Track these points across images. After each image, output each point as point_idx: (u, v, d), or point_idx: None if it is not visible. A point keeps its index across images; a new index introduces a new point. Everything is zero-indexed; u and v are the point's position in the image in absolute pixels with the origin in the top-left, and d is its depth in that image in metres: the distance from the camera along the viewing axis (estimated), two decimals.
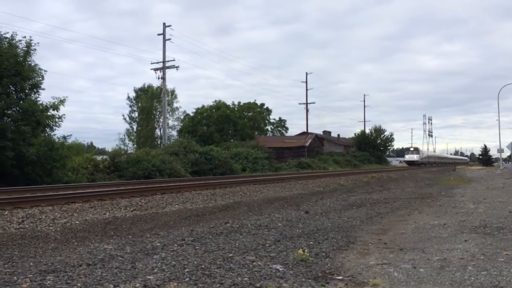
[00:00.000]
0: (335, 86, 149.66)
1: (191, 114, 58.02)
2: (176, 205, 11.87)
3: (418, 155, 72.86)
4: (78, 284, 4.37)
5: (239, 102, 62.44)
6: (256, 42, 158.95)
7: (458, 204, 12.31)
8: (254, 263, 5.34)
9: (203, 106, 58.07)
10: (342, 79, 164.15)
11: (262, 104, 64.30)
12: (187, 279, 4.61)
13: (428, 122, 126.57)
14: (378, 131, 77.29)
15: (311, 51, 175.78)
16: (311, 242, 6.75)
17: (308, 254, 5.59)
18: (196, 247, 6.31)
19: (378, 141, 76.62)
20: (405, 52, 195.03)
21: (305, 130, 65.37)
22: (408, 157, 73.68)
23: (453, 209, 10.96)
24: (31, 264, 5.27)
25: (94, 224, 8.47)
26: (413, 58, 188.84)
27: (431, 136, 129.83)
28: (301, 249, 5.71)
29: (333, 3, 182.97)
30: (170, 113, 59.20)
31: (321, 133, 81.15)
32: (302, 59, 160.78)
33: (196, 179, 23.85)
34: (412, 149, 75.79)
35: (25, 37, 21.88)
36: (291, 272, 4.93)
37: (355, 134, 79.67)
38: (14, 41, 21.48)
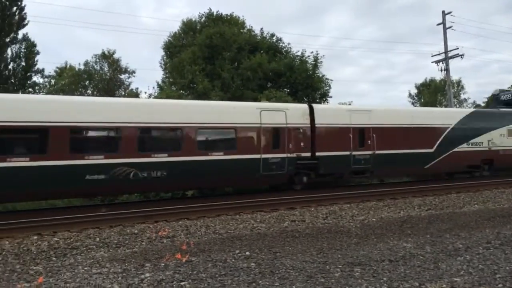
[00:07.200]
0: None
1: (482, 104, 52.22)
2: (476, 205, 10.89)
3: None
4: (384, 278, 4.59)
5: None
6: None
7: None
8: None
9: None
10: None
11: None
12: (500, 285, 4.19)
13: None
14: None
15: None
16: None
17: None
18: (506, 252, 5.65)
19: None
20: None
21: None
22: None
23: None
24: (339, 256, 5.85)
25: (390, 222, 8.69)
26: None
27: None
28: None
29: None
30: (457, 106, 54.88)
31: None
32: None
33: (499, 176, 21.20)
34: None
35: (312, 52, 24.77)
36: None
37: None
38: (304, 58, 24.59)
